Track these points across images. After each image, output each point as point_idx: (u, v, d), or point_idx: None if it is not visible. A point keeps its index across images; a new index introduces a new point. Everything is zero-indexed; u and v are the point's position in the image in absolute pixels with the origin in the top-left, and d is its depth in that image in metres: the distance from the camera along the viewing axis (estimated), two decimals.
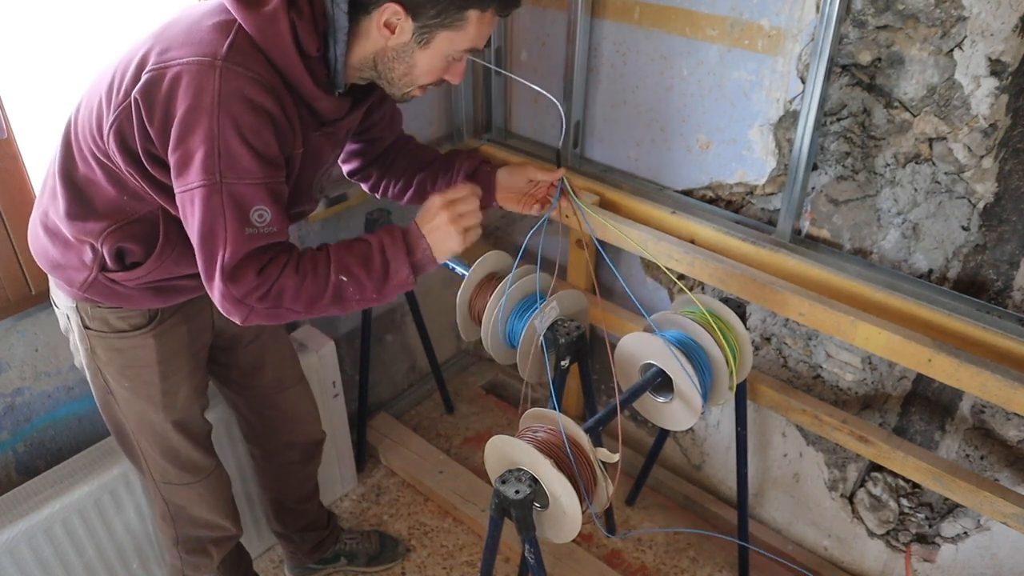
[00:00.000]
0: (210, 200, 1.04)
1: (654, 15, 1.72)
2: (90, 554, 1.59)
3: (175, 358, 1.36)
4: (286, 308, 1.13)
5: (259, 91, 1.04)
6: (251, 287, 1.09)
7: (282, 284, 1.11)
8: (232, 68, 1.02)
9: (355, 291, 1.15)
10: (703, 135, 1.77)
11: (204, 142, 1.02)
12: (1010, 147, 1.36)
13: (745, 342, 1.48)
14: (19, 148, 1.39)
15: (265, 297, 1.10)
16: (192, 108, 1.01)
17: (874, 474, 1.84)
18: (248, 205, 1.06)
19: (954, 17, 1.33)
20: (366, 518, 2.16)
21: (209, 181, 1.03)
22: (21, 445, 1.59)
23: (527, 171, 1.39)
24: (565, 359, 1.52)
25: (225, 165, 1.03)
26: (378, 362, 2.39)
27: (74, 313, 1.29)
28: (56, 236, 1.23)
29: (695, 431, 2.17)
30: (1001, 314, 1.45)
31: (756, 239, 1.69)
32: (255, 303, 1.10)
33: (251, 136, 1.04)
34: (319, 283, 1.13)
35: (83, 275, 1.22)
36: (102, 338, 1.30)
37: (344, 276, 1.14)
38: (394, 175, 1.50)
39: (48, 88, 1.50)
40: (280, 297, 1.11)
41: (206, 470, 1.50)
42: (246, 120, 1.03)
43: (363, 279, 1.15)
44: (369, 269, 1.16)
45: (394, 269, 1.17)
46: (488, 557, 1.35)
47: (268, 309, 1.11)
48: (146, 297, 1.26)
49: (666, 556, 2.07)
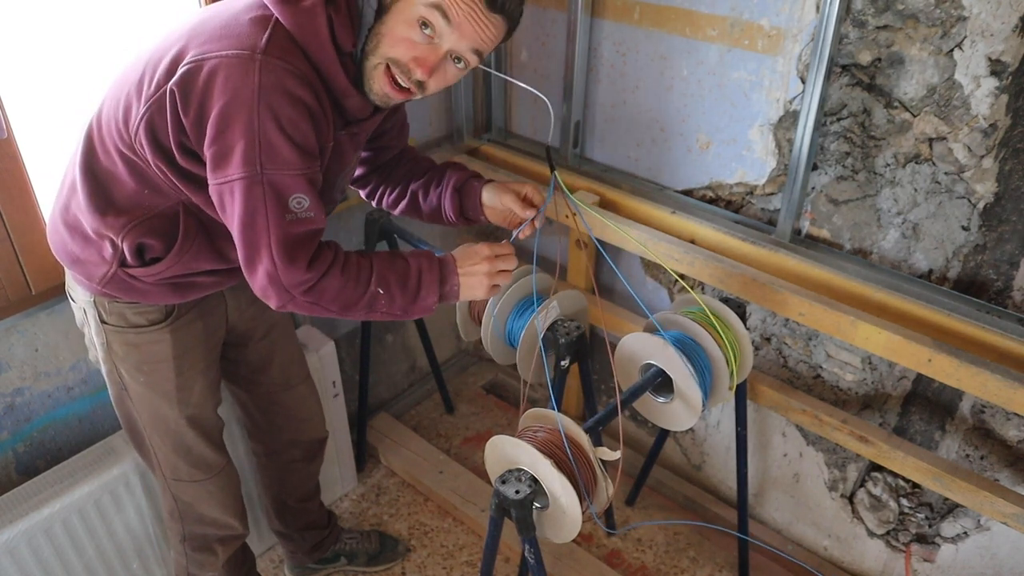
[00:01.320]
0: (251, 191, 1.06)
1: (654, 15, 1.72)
2: (90, 554, 1.59)
3: (190, 354, 1.37)
4: (323, 306, 1.16)
5: (297, 84, 1.05)
6: (301, 278, 1.11)
7: (327, 283, 1.14)
8: (271, 61, 1.03)
9: (386, 304, 1.20)
10: (703, 135, 1.77)
11: (244, 135, 1.03)
12: (1010, 147, 1.36)
13: (745, 342, 1.48)
14: (19, 148, 1.39)
15: (310, 291, 1.13)
16: (231, 101, 1.02)
17: (874, 474, 1.84)
18: (288, 193, 1.08)
19: (954, 17, 1.33)
20: (366, 518, 2.16)
21: (249, 173, 1.05)
22: (21, 445, 1.59)
23: (506, 198, 1.37)
24: (565, 359, 1.52)
25: (265, 157, 1.04)
26: (378, 362, 2.39)
27: (91, 307, 1.30)
28: (76, 231, 1.24)
29: (695, 431, 2.17)
30: (1001, 314, 1.45)
31: (756, 239, 1.69)
32: (299, 294, 1.13)
33: (290, 128, 1.05)
34: (359, 290, 1.17)
35: (102, 270, 1.23)
36: (119, 333, 1.31)
37: (381, 289, 1.18)
38: (391, 183, 1.50)
39: (48, 88, 1.50)
40: (322, 294, 1.14)
41: (217, 467, 1.50)
42: (285, 112, 1.04)
43: (396, 296, 1.19)
44: (404, 289, 1.20)
45: (424, 295, 1.21)
46: (488, 557, 1.35)
47: (308, 303, 1.15)
48: (164, 293, 1.27)
49: (666, 556, 2.07)
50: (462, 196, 1.42)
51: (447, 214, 1.44)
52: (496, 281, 1.26)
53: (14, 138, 1.38)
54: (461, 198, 1.42)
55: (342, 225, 2.04)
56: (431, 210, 1.46)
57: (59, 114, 1.53)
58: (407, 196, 1.48)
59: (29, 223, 1.44)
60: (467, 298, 1.27)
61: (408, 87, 1.13)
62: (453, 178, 1.44)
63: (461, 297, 1.26)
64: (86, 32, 1.52)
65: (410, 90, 1.14)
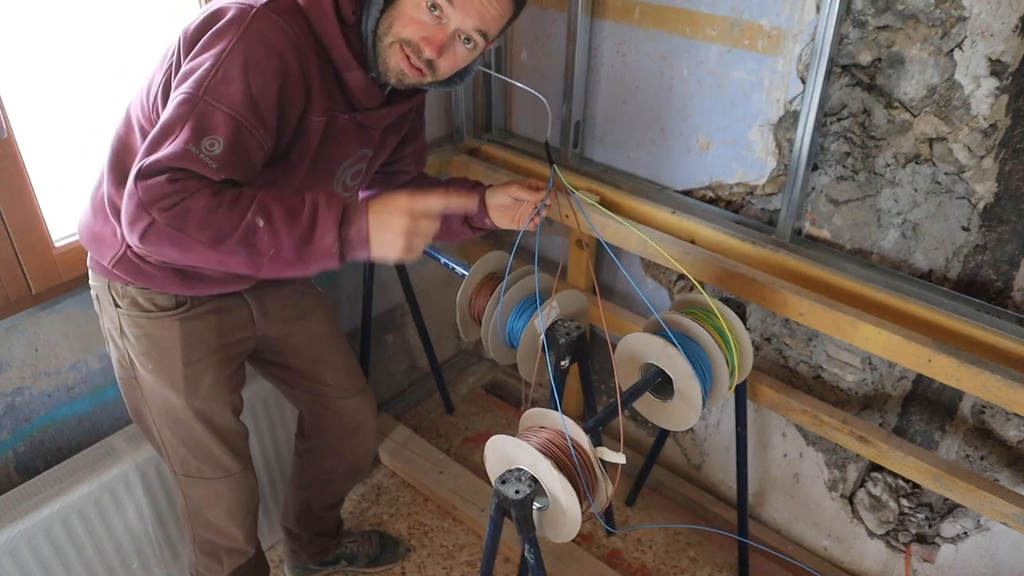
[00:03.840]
0: (181, 108, 1.04)
1: (654, 15, 1.72)
2: (90, 554, 1.59)
3: (200, 345, 1.36)
4: (189, 235, 1.01)
5: (283, 38, 1.07)
6: (159, 193, 0.99)
7: (191, 203, 1.00)
8: (267, 13, 1.07)
9: (269, 241, 1.03)
10: (703, 135, 1.77)
11: (211, 61, 1.05)
12: (1010, 147, 1.36)
13: (745, 342, 1.48)
14: (19, 148, 1.39)
15: (169, 210, 1.00)
16: (218, 30, 1.07)
17: (874, 474, 1.84)
18: (208, 130, 1.03)
19: (954, 17, 1.33)
20: (366, 518, 2.16)
21: (193, 92, 1.04)
22: (21, 445, 1.59)
23: (509, 189, 1.39)
24: (565, 359, 1.52)
25: (213, 85, 1.04)
26: (378, 362, 2.39)
27: (105, 292, 1.33)
28: (99, 209, 1.27)
29: (695, 431, 2.17)
30: (1001, 314, 1.45)
31: (756, 239, 1.69)
32: (157, 214, 0.99)
33: (254, 72, 1.05)
34: (232, 217, 1.02)
35: (114, 249, 1.26)
36: (130, 317, 1.32)
37: (261, 220, 1.02)
38: None
39: (48, 88, 1.50)
40: (185, 217, 1.00)
41: (229, 470, 1.48)
42: (257, 56, 1.06)
43: (281, 231, 1.03)
44: (292, 222, 1.04)
45: (319, 233, 1.05)
46: (488, 557, 1.35)
47: (170, 227, 1.00)
48: (169, 279, 1.28)
49: (666, 556, 2.07)
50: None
51: (451, 221, 1.44)
52: (412, 242, 1.08)
53: (14, 138, 1.38)
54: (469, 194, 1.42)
55: None
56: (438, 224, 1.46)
57: (59, 114, 1.53)
58: None
59: (29, 223, 1.44)
60: (378, 254, 1.09)
61: (419, 67, 1.16)
62: (458, 188, 1.45)
63: (372, 251, 1.08)
64: (86, 32, 1.52)
65: (422, 70, 1.17)
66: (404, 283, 2.18)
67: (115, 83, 1.59)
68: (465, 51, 1.18)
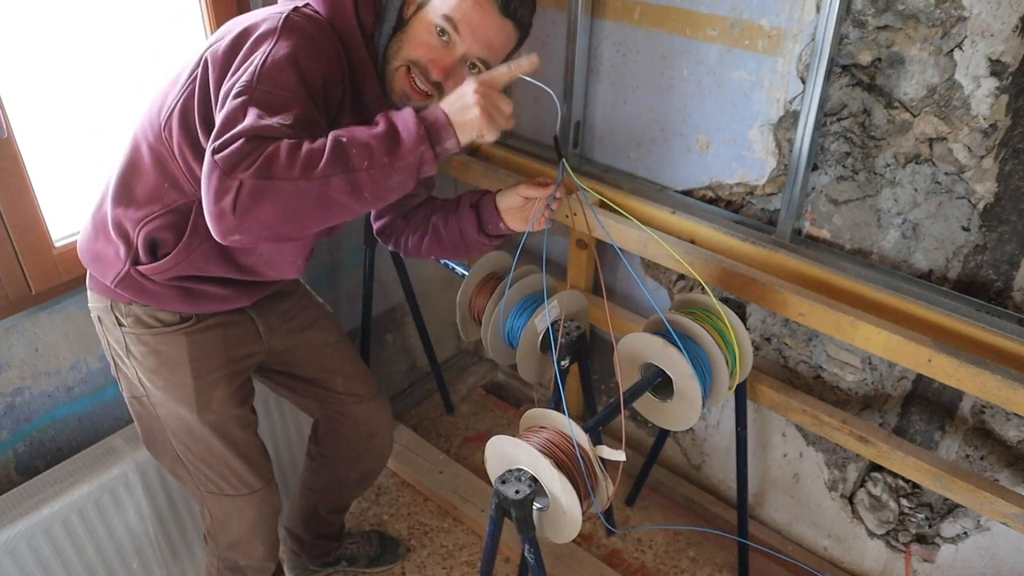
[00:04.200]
0: (239, 98, 1.04)
1: (654, 15, 1.72)
2: (90, 554, 1.59)
3: (208, 359, 1.36)
4: (280, 177, 0.98)
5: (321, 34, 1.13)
6: (240, 155, 0.98)
7: (274, 150, 0.99)
8: (299, 14, 1.13)
9: (359, 153, 1.02)
10: (703, 135, 1.77)
11: (257, 59, 1.07)
12: (1010, 147, 1.36)
13: (745, 342, 1.48)
14: (19, 148, 1.39)
15: (253, 165, 0.98)
16: (257, 38, 1.10)
17: (874, 474, 1.84)
18: (274, 111, 1.03)
19: (954, 17, 1.33)
20: (366, 518, 2.16)
21: (247, 84, 1.05)
22: (21, 445, 1.59)
23: (518, 189, 1.40)
24: (565, 359, 1.52)
25: (265, 73, 1.05)
26: (378, 362, 2.39)
27: (107, 313, 1.32)
28: (100, 229, 1.28)
29: (695, 431, 2.17)
30: (1001, 314, 1.45)
31: (756, 239, 1.69)
32: (242, 173, 0.97)
33: (302, 59, 1.08)
34: (316, 147, 1.01)
35: (116, 268, 1.26)
36: (135, 335, 1.32)
37: (345, 137, 1.02)
38: (412, 224, 1.52)
39: (48, 88, 1.50)
40: (271, 164, 0.98)
41: (251, 486, 1.47)
42: (302, 44, 1.09)
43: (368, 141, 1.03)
44: (373, 131, 1.04)
45: (403, 126, 1.05)
46: (488, 557, 1.35)
47: (259, 179, 0.97)
48: (173, 297, 1.28)
49: (666, 556, 2.07)
50: (479, 210, 1.43)
51: (467, 233, 1.44)
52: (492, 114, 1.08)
53: (14, 138, 1.38)
54: (479, 212, 1.43)
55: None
56: (453, 237, 1.46)
57: (59, 114, 1.53)
58: (429, 230, 1.49)
59: (29, 223, 1.44)
60: (465, 134, 1.08)
61: (426, 89, 1.19)
62: (468, 198, 1.46)
63: (457, 131, 1.07)
64: (86, 32, 1.52)
65: (428, 93, 1.20)
66: (404, 283, 2.18)
67: (115, 83, 1.59)
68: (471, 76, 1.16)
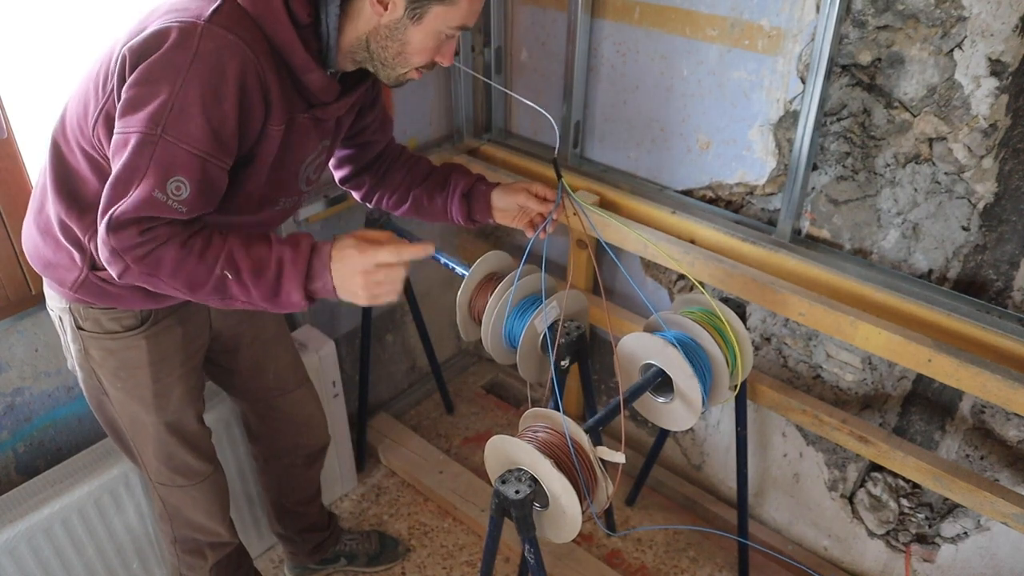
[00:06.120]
0: (141, 149, 1.00)
1: (654, 15, 1.72)
2: (90, 554, 1.59)
3: (168, 360, 1.35)
4: (163, 280, 1.05)
5: (237, 58, 1.02)
6: (130, 243, 1.01)
7: (162, 253, 1.03)
8: (214, 29, 1.01)
9: (239, 292, 1.07)
10: (703, 135, 1.77)
11: (164, 93, 1.00)
12: (1010, 147, 1.36)
13: (745, 342, 1.48)
14: (19, 148, 1.39)
15: (143, 260, 1.03)
16: (165, 58, 1.00)
17: (874, 474, 1.84)
18: (174, 171, 1.01)
19: (954, 17, 1.33)
20: (366, 518, 2.16)
21: (150, 130, 1.00)
22: (21, 445, 1.59)
23: (517, 198, 1.39)
24: (565, 359, 1.52)
25: (172, 122, 1.00)
26: (378, 362, 2.39)
27: (67, 315, 1.29)
28: (48, 235, 1.22)
29: (695, 431, 2.17)
30: (1001, 314, 1.45)
31: (756, 239, 1.69)
32: (132, 262, 1.03)
33: (211, 104, 1.01)
34: (202, 270, 1.05)
35: (74, 274, 1.22)
36: (95, 339, 1.30)
37: (230, 274, 1.06)
38: (388, 188, 1.49)
39: (48, 88, 1.50)
40: (158, 266, 1.03)
41: (201, 475, 1.49)
42: (212, 85, 1.01)
43: (249, 286, 1.07)
44: (258, 279, 1.07)
45: (285, 292, 1.08)
46: (488, 557, 1.35)
47: (144, 274, 1.04)
48: (137, 297, 1.25)
49: (666, 556, 2.07)
50: (471, 201, 1.42)
51: (454, 218, 1.45)
52: (377, 291, 1.11)
53: (14, 138, 1.38)
54: (470, 203, 1.42)
55: (342, 226, 2.04)
56: (436, 214, 1.46)
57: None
58: (409, 200, 1.48)
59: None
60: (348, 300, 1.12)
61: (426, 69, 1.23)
62: (460, 184, 1.44)
63: (340, 296, 1.11)
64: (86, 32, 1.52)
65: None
66: (404, 283, 2.18)
67: None
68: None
